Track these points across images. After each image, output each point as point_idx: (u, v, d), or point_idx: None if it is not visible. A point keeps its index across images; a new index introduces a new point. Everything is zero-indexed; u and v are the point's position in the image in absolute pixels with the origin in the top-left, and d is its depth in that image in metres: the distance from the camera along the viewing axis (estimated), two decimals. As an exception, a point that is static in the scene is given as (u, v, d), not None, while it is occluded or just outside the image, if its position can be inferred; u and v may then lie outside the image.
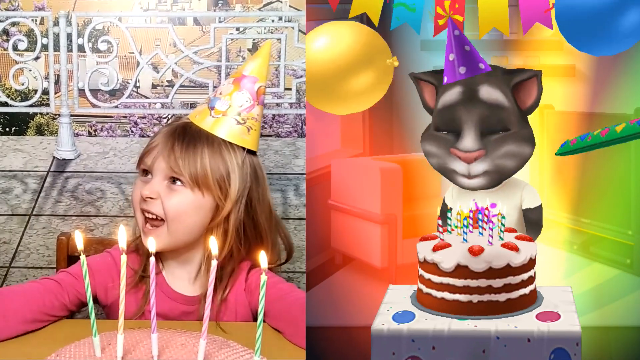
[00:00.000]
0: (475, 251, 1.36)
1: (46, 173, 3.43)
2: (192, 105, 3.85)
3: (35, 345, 1.34)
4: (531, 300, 1.41)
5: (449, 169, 1.53)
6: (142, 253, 1.52)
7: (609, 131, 1.48)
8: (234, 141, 1.50)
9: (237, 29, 3.87)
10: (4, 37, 3.93)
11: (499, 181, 1.53)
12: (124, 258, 1.18)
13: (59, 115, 3.56)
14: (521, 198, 1.54)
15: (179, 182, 1.48)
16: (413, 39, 1.65)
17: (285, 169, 3.51)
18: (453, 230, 1.45)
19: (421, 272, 1.42)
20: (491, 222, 1.40)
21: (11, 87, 3.75)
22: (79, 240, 1.22)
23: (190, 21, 4.14)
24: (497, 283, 1.37)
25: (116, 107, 3.63)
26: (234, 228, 1.50)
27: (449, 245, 1.40)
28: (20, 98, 3.79)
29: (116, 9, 3.90)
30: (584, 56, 1.87)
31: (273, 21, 3.93)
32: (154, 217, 1.47)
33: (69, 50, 3.48)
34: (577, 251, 1.93)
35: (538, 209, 1.55)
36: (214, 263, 1.17)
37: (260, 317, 1.13)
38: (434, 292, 1.39)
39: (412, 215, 1.89)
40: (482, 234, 1.42)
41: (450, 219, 1.47)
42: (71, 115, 3.56)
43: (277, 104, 3.73)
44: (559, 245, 1.93)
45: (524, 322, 1.35)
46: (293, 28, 3.58)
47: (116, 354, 1.20)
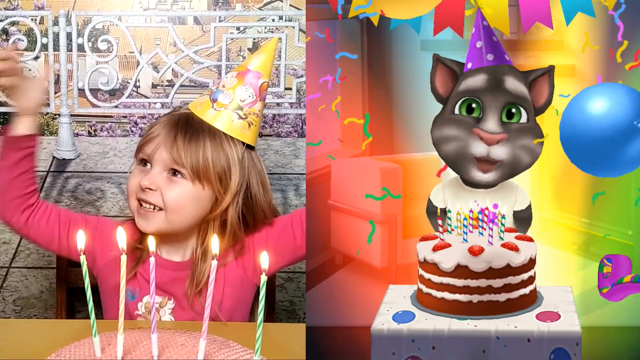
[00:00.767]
0: (475, 251, 1.36)
1: (46, 173, 3.43)
2: (192, 105, 3.84)
3: (34, 345, 1.34)
4: (531, 300, 1.41)
5: (466, 155, 1.50)
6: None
7: None
8: (234, 135, 1.52)
9: (238, 28, 3.87)
10: (4, 37, 3.93)
11: (510, 176, 1.53)
12: (124, 258, 1.18)
13: (59, 115, 3.56)
14: (515, 199, 1.54)
15: (179, 174, 1.49)
16: (413, 39, 1.65)
17: (286, 169, 3.51)
18: (453, 230, 1.45)
19: (421, 272, 1.42)
20: (493, 222, 1.40)
21: (11, 87, 3.74)
22: (80, 239, 1.21)
23: (190, 20, 4.13)
24: (497, 283, 1.37)
25: (116, 106, 3.63)
26: (232, 220, 1.52)
27: (449, 245, 1.40)
28: (20, 98, 3.78)
29: (116, 8, 3.90)
30: (584, 56, 1.87)
31: (273, 20, 3.93)
32: (152, 207, 1.49)
33: (69, 49, 3.48)
34: (577, 251, 1.93)
35: (529, 208, 1.56)
36: (214, 263, 1.17)
37: (260, 317, 1.13)
38: (434, 292, 1.39)
39: (412, 215, 1.89)
40: (482, 234, 1.42)
41: (450, 219, 1.47)
42: (71, 115, 3.56)
43: (278, 104, 3.73)
44: (559, 245, 1.92)
45: (524, 322, 1.35)
46: (294, 27, 3.58)
47: (116, 354, 1.20)
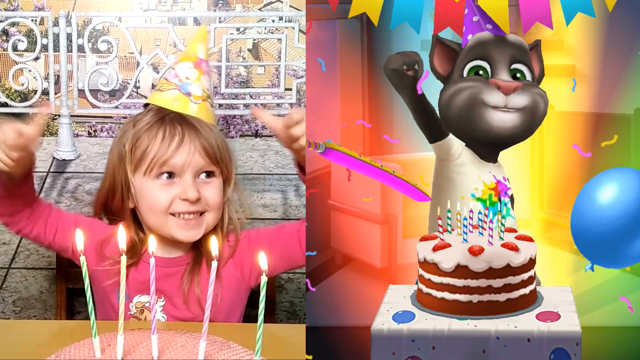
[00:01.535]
0: (475, 251, 1.36)
1: (46, 174, 3.43)
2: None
3: (34, 346, 1.34)
4: (531, 300, 1.41)
5: (483, 102, 1.51)
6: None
7: None
8: (211, 122, 1.55)
9: (238, 29, 3.87)
10: (4, 38, 3.93)
11: (531, 124, 1.54)
12: (123, 259, 1.18)
13: (59, 115, 3.56)
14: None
15: (211, 175, 1.51)
16: (413, 39, 1.65)
17: (286, 169, 3.51)
18: (453, 230, 1.45)
19: (421, 272, 1.42)
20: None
21: (11, 88, 3.75)
22: (80, 239, 1.21)
23: (190, 21, 4.13)
24: (497, 283, 1.37)
25: (116, 107, 3.63)
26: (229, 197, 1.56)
27: (449, 245, 1.40)
28: (20, 98, 3.79)
29: (116, 9, 3.90)
30: (584, 56, 1.87)
31: (273, 21, 3.93)
32: (196, 214, 1.49)
33: (69, 50, 3.48)
34: (577, 251, 1.93)
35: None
36: (214, 264, 1.16)
37: (260, 318, 1.13)
38: (434, 292, 1.39)
39: (412, 215, 1.89)
40: (482, 234, 1.42)
41: (450, 219, 1.47)
42: (71, 116, 3.56)
43: (278, 104, 3.73)
44: (559, 245, 1.92)
45: (524, 322, 1.35)
46: (293, 28, 3.58)
47: (116, 355, 1.20)
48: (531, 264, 1.41)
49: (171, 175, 1.49)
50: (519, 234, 1.45)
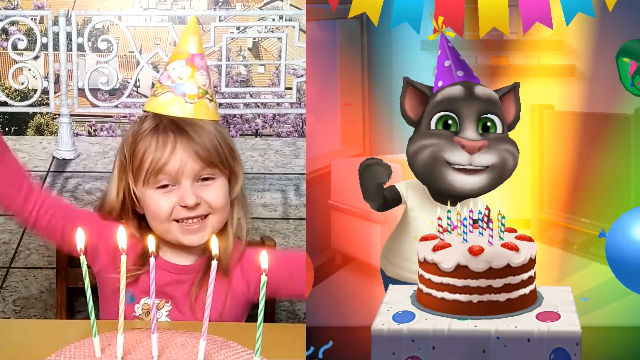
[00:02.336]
0: (475, 251, 1.36)
1: (46, 173, 3.43)
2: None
3: (34, 346, 1.34)
4: (531, 300, 1.41)
5: (445, 161, 1.49)
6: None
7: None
8: (213, 118, 1.52)
9: (238, 28, 3.87)
10: (3, 37, 3.92)
11: (498, 182, 1.53)
12: (123, 259, 1.18)
13: (59, 115, 3.56)
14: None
15: (209, 179, 1.49)
16: (413, 39, 1.65)
17: (286, 169, 3.51)
18: (453, 230, 1.45)
19: (421, 272, 1.42)
20: (491, 222, 1.41)
21: (10, 87, 3.75)
22: (80, 238, 1.21)
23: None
24: (497, 283, 1.37)
25: (116, 106, 3.63)
26: (239, 194, 1.55)
27: (449, 245, 1.40)
28: (19, 98, 3.78)
29: (116, 7, 3.90)
30: (584, 56, 1.87)
31: (274, 20, 3.93)
32: (199, 218, 1.48)
33: (69, 49, 3.48)
34: (577, 251, 1.93)
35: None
36: (214, 263, 1.16)
37: (260, 318, 1.13)
38: (434, 292, 1.39)
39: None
40: (482, 234, 1.42)
41: (450, 219, 1.47)
42: (71, 115, 3.56)
43: (278, 104, 3.74)
44: (559, 245, 1.93)
45: (524, 322, 1.35)
46: (294, 27, 3.58)
47: (116, 354, 1.20)
48: (531, 264, 1.41)
49: (167, 185, 1.48)
50: (519, 234, 1.45)
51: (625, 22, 1.77)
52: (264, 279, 1.13)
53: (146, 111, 1.54)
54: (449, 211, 1.48)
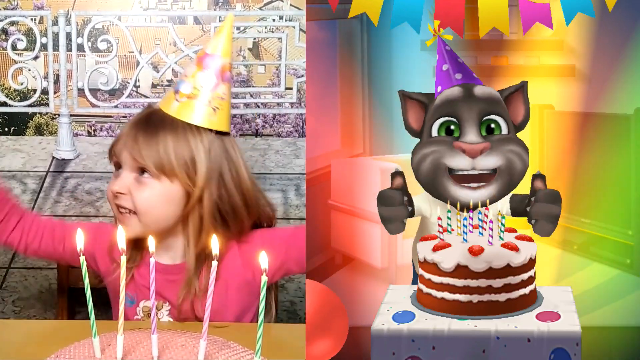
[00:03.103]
0: (475, 251, 1.36)
1: (45, 173, 3.43)
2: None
3: (34, 346, 1.34)
4: (531, 300, 1.41)
5: (445, 167, 1.45)
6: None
7: None
8: (200, 124, 1.46)
9: (238, 28, 3.86)
10: (3, 37, 3.92)
11: (510, 188, 1.47)
12: (123, 259, 1.18)
13: (59, 115, 3.56)
14: (497, 208, 1.50)
15: (146, 174, 1.47)
16: (413, 39, 1.65)
17: (286, 169, 3.51)
18: (453, 230, 1.45)
19: (421, 272, 1.42)
20: (491, 222, 1.40)
21: (10, 87, 3.74)
22: (80, 239, 1.21)
23: (190, 20, 4.13)
24: (497, 283, 1.37)
25: (116, 106, 3.63)
26: (209, 212, 1.48)
27: (449, 245, 1.40)
28: (19, 98, 3.78)
29: (116, 8, 3.89)
30: (584, 56, 1.88)
31: (274, 20, 3.92)
32: (127, 210, 1.48)
33: (69, 49, 3.48)
34: (577, 251, 1.93)
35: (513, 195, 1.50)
36: (214, 263, 1.16)
37: (260, 318, 1.13)
38: (434, 292, 1.39)
39: (412, 215, 1.89)
40: (482, 234, 1.42)
41: (450, 219, 1.47)
42: (70, 115, 3.56)
43: (278, 104, 3.73)
44: (559, 245, 1.93)
45: (524, 322, 1.35)
46: (294, 27, 3.57)
47: (116, 354, 1.20)
48: (531, 264, 1.40)
49: (119, 167, 1.50)
50: (519, 234, 1.45)
51: (625, 22, 1.77)
52: (264, 279, 1.13)
53: None
54: (449, 211, 1.48)
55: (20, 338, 1.39)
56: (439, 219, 1.43)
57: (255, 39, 4.02)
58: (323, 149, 2.03)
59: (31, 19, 3.67)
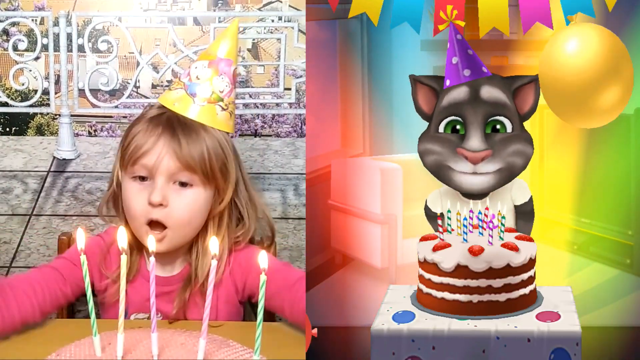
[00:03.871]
0: (475, 251, 1.36)
1: (46, 173, 3.43)
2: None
3: (35, 345, 1.34)
4: (531, 300, 1.41)
5: (450, 169, 1.49)
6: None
7: None
8: (221, 128, 1.45)
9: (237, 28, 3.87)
10: (4, 37, 3.93)
11: (509, 179, 1.51)
12: (123, 259, 1.18)
13: (59, 115, 3.56)
14: (512, 197, 1.54)
15: (187, 185, 1.41)
16: (413, 39, 1.65)
17: (285, 169, 3.51)
18: (453, 230, 1.45)
19: (421, 272, 1.42)
20: (491, 222, 1.40)
21: (11, 87, 3.75)
22: (81, 238, 1.21)
23: (190, 21, 4.13)
24: (497, 283, 1.37)
25: (116, 107, 3.63)
26: (228, 217, 1.46)
27: (449, 245, 1.40)
28: (20, 98, 3.79)
29: (116, 8, 3.90)
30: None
31: (273, 21, 3.93)
32: (159, 227, 1.40)
33: (69, 50, 3.48)
34: (577, 251, 1.93)
35: (530, 201, 1.54)
36: (213, 263, 1.16)
37: (260, 317, 1.13)
38: (434, 292, 1.39)
39: (412, 215, 1.90)
40: (482, 234, 1.42)
41: (450, 219, 1.47)
42: (71, 115, 3.56)
43: (277, 104, 3.73)
44: (559, 245, 1.93)
45: (524, 322, 1.35)
46: (293, 28, 3.58)
47: (116, 353, 1.20)
48: (531, 264, 1.40)
49: (145, 178, 1.41)
50: (519, 234, 1.45)
51: (625, 22, 1.77)
52: (263, 278, 1.13)
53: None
54: (449, 211, 1.48)
55: (21, 337, 1.39)
56: (439, 218, 1.44)
57: (254, 39, 4.02)
58: (323, 149, 2.03)
59: (32, 19, 3.67)
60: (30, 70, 3.65)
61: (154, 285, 1.18)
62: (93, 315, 1.20)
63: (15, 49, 3.56)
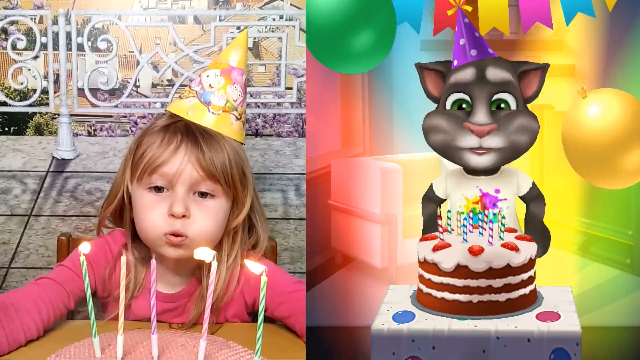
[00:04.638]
0: (475, 251, 1.36)
1: (45, 173, 3.43)
2: (191, 105, 3.82)
3: (35, 345, 1.34)
4: (531, 300, 1.41)
5: (456, 146, 1.50)
6: (137, 257, 1.48)
7: None
8: (236, 138, 1.44)
9: (238, 27, 3.85)
10: (3, 36, 3.92)
11: (512, 158, 1.52)
12: (123, 259, 1.18)
13: (59, 114, 3.55)
14: (517, 185, 1.54)
15: (207, 195, 1.38)
16: (413, 39, 1.65)
17: (286, 169, 3.50)
18: (453, 230, 1.45)
19: (421, 272, 1.42)
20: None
21: (10, 87, 3.73)
22: (86, 248, 1.21)
23: (190, 20, 4.12)
24: (497, 283, 1.37)
25: (116, 106, 3.62)
26: (244, 225, 1.45)
27: (449, 245, 1.40)
28: (19, 97, 3.77)
29: (116, 7, 3.88)
30: (584, 56, 1.87)
31: (274, 20, 3.92)
32: (180, 238, 1.37)
33: (68, 49, 3.47)
34: (577, 251, 1.93)
35: (534, 186, 1.55)
36: (214, 264, 1.16)
37: (260, 318, 1.13)
38: (434, 292, 1.39)
39: (412, 215, 1.89)
40: (482, 234, 1.42)
41: (450, 219, 1.47)
42: (70, 115, 3.56)
43: (278, 104, 3.73)
44: (559, 245, 1.92)
45: (524, 322, 1.35)
46: (294, 27, 3.57)
47: (116, 354, 1.20)
48: (531, 264, 1.41)
49: (161, 189, 1.38)
50: (519, 234, 1.45)
51: (625, 22, 1.77)
52: (264, 279, 1.13)
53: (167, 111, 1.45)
54: (449, 211, 1.48)
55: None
56: (439, 218, 1.44)
57: (255, 38, 4.01)
58: (323, 149, 2.03)
59: (31, 18, 3.66)
60: (29, 70, 3.63)
61: (155, 286, 1.18)
62: (93, 316, 1.20)
63: (14, 47, 3.54)
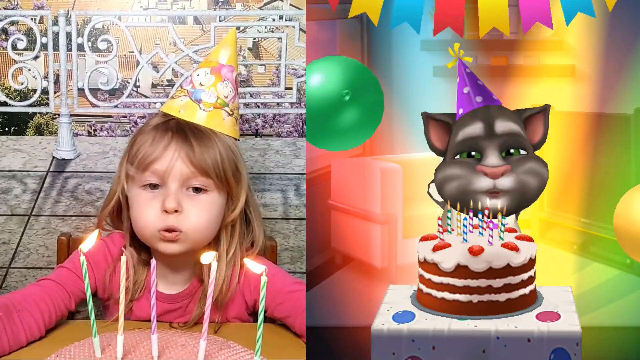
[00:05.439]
0: (475, 251, 1.36)
1: (45, 173, 3.43)
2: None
3: (35, 345, 1.34)
4: (531, 300, 1.41)
5: (471, 190, 1.49)
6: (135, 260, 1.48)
7: None
8: (229, 133, 1.46)
9: (238, 28, 3.86)
10: (3, 36, 3.92)
11: (521, 201, 1.51)
12: (123, 259, 1.18)
13: (59, 115, 3.55)
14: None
15: (201, 191, 1.40)
16: (413, 39, 1.65)
17: (286, 169, 3.51)
18: (453, 230, 1.45)
19: (421, 272, 1.42)
20: (491, 222, 1.40)
21: (10, 87, 3.74)
22: (88, 245, 1.21)
23: (190, 20, 4.12)
24: (497, 283, 1.37)
25: (116, 106, 3.62)
26: (239, 221, 1.46)
27: (449, 245, 1.40)
28: (19, 98, 3.78)
29: (116, 7, 3.89)
30: (584, 56, 1.88)
31: (274, 20, 3.92)
32: (175, 233, 1.39)
33: (69, 49, 3.48)
34: (577, 251, 1.93)
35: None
36: (214, 264, 1.16)
37: (260, 318, 1.13)
38: (434, 292, 1.39)
39: (412, 215, 1.90)
40: (482, 234, 1.42)
41: (450, 219, 1.47)
42: (70, 115, 3.56)
43: (278, 104, 3.73)
44: (559, 245, 1.93)
45: (524, 322, 1.35)
46: (294, 27, 3.57)
47: (116, 354, 1.20)
48: (531, 264, 1.41)
49: (156, 186, 1.40)
50: (519, 234, 1.45)
51: (625, 22, 1.77)
52: (264, 279, 1.13)
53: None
54: (449, 211, 1.48)
55: (20, 338, 1.38)
56: (439, 218, 1.44)
57: (255, 38, 4.02)
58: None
59: (31, 18, 3.67)
60: (30, 70, 3.64)
61: (155, 286, 1.18)
62: (93, 316, 1.20)
63: (14, 48, 3.55)
